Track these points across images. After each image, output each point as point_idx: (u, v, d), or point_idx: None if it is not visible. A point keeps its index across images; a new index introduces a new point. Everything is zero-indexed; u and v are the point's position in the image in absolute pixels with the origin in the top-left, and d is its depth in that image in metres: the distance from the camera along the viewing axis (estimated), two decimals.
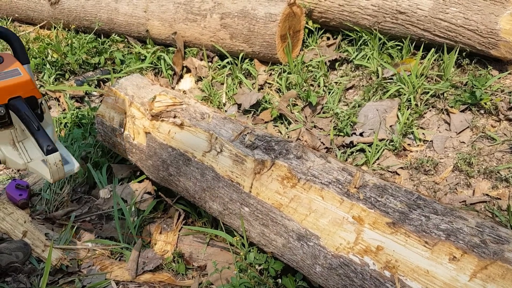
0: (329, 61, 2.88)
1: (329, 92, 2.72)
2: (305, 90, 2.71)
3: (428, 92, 2.40)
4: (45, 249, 2.01)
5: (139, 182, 2.31)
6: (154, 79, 2.38)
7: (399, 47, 2.73)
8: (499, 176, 1.96)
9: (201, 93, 3.03)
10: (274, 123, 2.66)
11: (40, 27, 4.41)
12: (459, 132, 2.22)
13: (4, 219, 2.15)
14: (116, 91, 2.24)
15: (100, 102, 3.09)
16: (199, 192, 1.82)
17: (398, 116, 2.37)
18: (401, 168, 2.18)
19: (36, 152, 1.21)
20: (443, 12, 2.40)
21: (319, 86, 2.77)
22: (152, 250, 1.99)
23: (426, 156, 2.19)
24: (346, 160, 2.30)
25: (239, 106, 2.81)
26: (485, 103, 2.22)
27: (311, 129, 2.52)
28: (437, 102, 2.38)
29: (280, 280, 1.64)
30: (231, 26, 2.97)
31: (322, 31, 3.13)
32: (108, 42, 3.80)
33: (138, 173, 2.38)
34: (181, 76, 3.27)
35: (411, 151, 2.25)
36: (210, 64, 3.20)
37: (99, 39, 3.84)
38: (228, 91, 2.95)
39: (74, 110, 3.01)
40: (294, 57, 2.99)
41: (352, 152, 2.33)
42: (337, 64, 2.91)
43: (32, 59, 3.57)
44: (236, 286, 1.62)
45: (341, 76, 2.83)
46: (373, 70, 2.69)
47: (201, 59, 3.23)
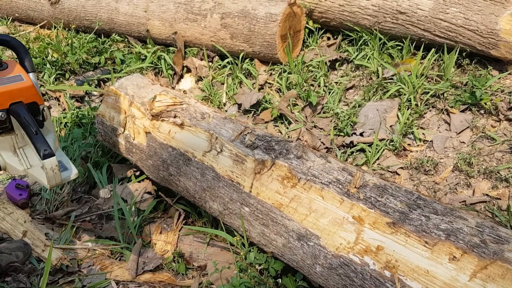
0: (329, 61, 2.88)
1: (329, 92, 2.72)
2: (305, 90, 2.71)
3: (428, 92, 2.40)
4: (45, 249, 2.01)
5: (139, 182, 2.31)
6: (155, 79, 2.38)
7: (399, 47, 2.73)
8: (499, 176, 1.96)
9: (201, 93, 3.03)
10: (275, 123, 2.66)
11: (41, 27, 4.41)
12: (459, 132, 2.22)
13: (4, 219, 2.15)
14: (117, 90, 2.24)
15: (100, 101, 3.09)
16: (199, 192, 1.82)
17: (398, 116, 2.37)
18: (401, 168, 2.18)
19: (36, 159, 1.20)
20: (443, 12, 2.40)
21: (319, 86, 2.77)
22: (152, 250, 1.99)
23: (426, 156, 2.19)
24: (346, 160, 2.30)
25: (240, 106, 2.81)
26: (485, 103, 2.22)
27: (311, 129, 2.53)
28: (437, 102, 2.38)
29: (280, 280, 1.64)
30: (231, 26, 2.97)
31: (322, 31, 3.13)
32: (108, 41, 3.80)
33: (138, 172, 2.38)
34: (181, 76, 3.27)
35: (411, 151, 2.25)
36: (210, 64, 3.20)
37: (99, 38, 3.84)
38: (229, 91, 2.95)
39: (74, 110, 3.02)
40: (295, 57, 2.99)
41: (352, 152, 2.33)
42: (337, 64, 2.91)
43: (32, 59, 3.57)
44: (236, 286, 1.62)
45: (341, 76, 2.83)
46: (373, 70, 2.69)
47: (201, 59, 3.23)
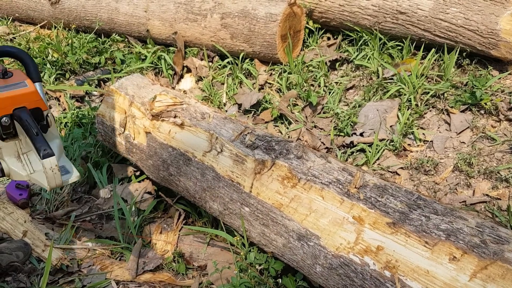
0: (329, 61, 2.88)
1: (329, 92, 2.72)
2: (305, 90, 2.71)
3: (428, 92, 2.40)
4: (45, 248, 2.01)
5: (140, 182, 2.31)
6: (155, 79, 2.38)
7: (400, 47, 2.73)
8: (499, 176, 1.96)
9: (201, 93, 3.03)
10: (275, 123, 2.66)
11: (41, 27, 4.41)
12: (459, 132, 2.22)
13: (4, 219, 2.15)
14: (117, 90, 2.24)
15: (101, 101, 3.09)
16: (199, 192, 1.82)
17: (398, 116, 2.37)
18: (401, 168, 2.18)
19: (39, 164, 1.20)
20: (444, 12, 2.40)
21: (319, 86, 2.77)
22: (152, 250, 1.99)
23: (426, 156, 2.19)
24: (347, 160, 2.30)
25: (240, 106, 2.81)
26: (485, 104, 2.22)
27: (312, 129, 2.53)
28: (437, 102, 2.38)
29: (280, 280, 1.64)
30: (231, 26, 2.97)
31: (322, 31, 3.13)
32: (108, 41, 3.80)
33: (138, 172, 2.38)
34: (181, 76, 3.27)
35: (411, 151, 2.25)
36: (210, 64, 3.20)
37: (99, 38, 3.84)
38: (229, 91, 2.95)
39: (75, 110, 3.02)
40: (295, 57, 2.99)
41: (352, 152, 2.33)
42: (337, 64, 2.91)
43: (33, 59, 3.57)
44: (237, 286, 1.62)
45: (341, 76, 2.83)
46: (373, 70, 2.69)
47: (201, 59, 3.23)
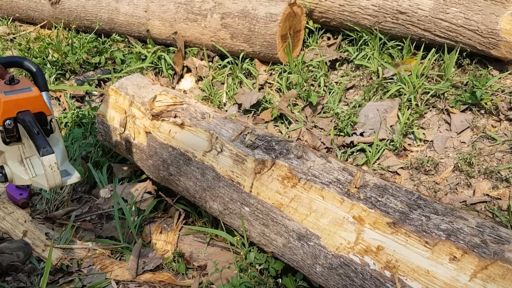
0: (329, 61, 2.88)
1: (329, 92, 2.72)
2: (305, 90, 2.71)
3: (428, 92, 2.39)
4: (45, 248, 2.01)
5: (140, 181, 2.31)
6: (155, 79, 2.38)
7: (400, 47, 2.72)
8: (500, 176, 1.96)
9: (201, 92, 3.03)
10: (275, 123, 2.66)
11: (41, 27, 4.41)
12: (460, 132, 2.22)
13: (4, 219, 2.15)
14: (117, 90, 2.24)
15: (101, 101, 3.09)
16: (199, 192, 1.82)
17: (398, 116, 2.37)
18: (401, 168, 2.18)
19: (41, 169, 1.21)
20: (444, 12, 2.40)
21: (319, 86, 2.77)
22: (152, 250, 1.99)
23: (426, 156, 2.19)
24: (347, 160, 2.30)
25: (240, 106, 2.81)
26: (485, 103, 2.22)
27: (312, 129, 2.52)
28: (437, 102, 2.38)
29: (280, 280, 1.64)
30: (231, 26, 2.97)
31: (322, 31, 3.13)
32: (108, 41, 3.80)
33: (138, 172, 2.38)
34: (181, 76, 3.27)
35: (412, 151, 2.25)
36: (210, 64, 3.20)
37: (99, 38, 3.84)
38: (229, 91, 2.95)
39: (75, 110, 3.02)
40: (295, 57, 2.99)
41: (352, 152, 2.33)
42: (337, 64, 2.91)
43: (33, 59, 3.58)
44: (237, 285, 1.62)
45: (341, 76, 2.83)
46: (373, 70, 2.69)
47: (201, 59, 3.23)
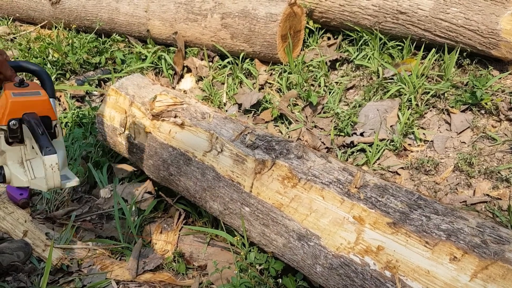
0: (329, 61, 2.88)
1: (329, 92, 2.72)
2: (305, 90, 2.71)
3: (428, 92, 2.39)
4: (45, 248, 2.01)
5: (140, 181, 2.31)
6: (155, 79, 2.38)
7: (400, 47, 2.72)
8: (500, 176, 1.96)
9: (201, 92, 3.03)
10: (275, 123, 2.66)
11: (41, 27, 4.41)
12: (460, 132, 2.22)
13: (4, 219, 2.15)
14: (117, 90, 2.24)
15: (101, 101, 3.09)
16: (199, 192, 1.82)
17: (398, 116, 2.37)
18: (401, 168, 2.18)
19: (41, 171, 1.21)
20: (444, 12, 2.40)
21: (319, 86, 2.77)
22: (152, 250, 1.99)
23: (426, 156, 2.19)
24: (347, 160, 2.30)
25: (240, 106, 2.81)
26: (485, 103, 2.22)
27: (312, 129, 2.52)
28: (437, 102, 2.38)
29: (280, 280, 1.64)
30: (231, 26, 2.97)
31: (322, 31, 3.13)
32: (109, 41, 3.80)
33: (138, 172, 2.38)
34: (181, 76, 3.27)
35: (412, 151, 2.25)
36: (210, 64, 3.21)
37: (100, 38, 3.84)
38: (229, 91, 2.95)
39: (75, 110, 3.02)
40: (295, 57, 2.99)
41: (352, 152, 2.33)
42: (337, 64, 2.91)
43: (33, 59, 3.58)
44: (237, 286, 1.62)
45: (341, 76, 2.83)
46: (373, 70, 2.69)
47: (201, 59, 3.23)
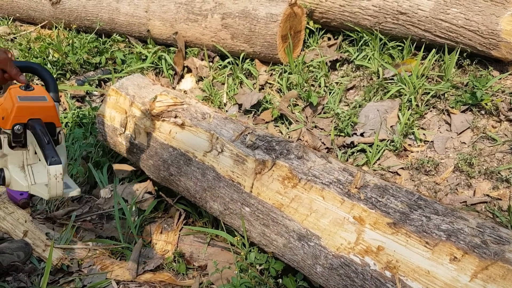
0: (330, 61, 2.88)
1: (330, 93, 2.72)
2: (306, 90, 2.71)
3: (429, 93, 2.40)
4: (45, 248, 2.01)
5: (140, 182, 2.31)
6: (155, 79, 2.38)
7: (400, 48, 2.73)
8: (500, 176, 1.96)
9: (202, 93, 3.03)
10: (275, 123, 2.66)
11: (41, 27, 4.41)
12: (460, 133, 2.22)
13: (4, 219, 2.15)
14: (117, 91, 2.24)
15: (101, 101, 3.09)
16: (200, 192, 1.82)
17: (398, 116, 2.37)
18: (401, 168, 2.18)
19: (42, 177, 1.21)
20: (444, 12, 2.40)
21: (320, 87, 2.77)
22: (152, 250, 1.99)
23: (426, 156, 2.19)
24: (347, 160, 2.30)
25: (240, 106, 2.81)
26: (485, 104, 2.22)
27: (312, 129, 2.53)
28: (437, 102, 2.38)
29: (280, 280, 1.64)
30: (232, 26, 2.97)
31: (323, 32, 3.13)
32: (109, 42, 3.80)
33: (139, 172, 2.38)
34: (182, 76, 3.27)
35: (412, 152, 2.25)
36: (211, 64, 3.21)
37: (100, 39, 3.84)
38: (229, 91, 2.95)
39: (75, 110, 3.02)
40: (295, 57, 2.99)
41: (352, 153, 2.33)
42: (338, 64, 2.91)
43: (33, 59, 3.58)
44: (237, 286, 1.62)
45: (342, 77, 2.83)
46: (374, 71, 2.69)
47: (202, 59, 3.23)
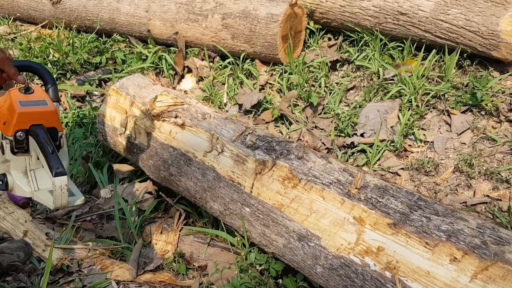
0: (330, 61, 2.88)
1: (330, 93, 2.72)
2: (306, 90, 2.71)
3: (429, 93, 2.40)
4: (45, 248, 2.01)
5: (140, 182, 2.31)
6: (156, 79, 2.38)
7: (400, 48, 2.72)
8: (500, 177, 1.96)
9: (202, 93, 3.04)
10: (275, 123, 2.66)
11: (42, 27, 4.41)
12: (460, 133, 2.22)
13: (4, 219, 2.15)
14: (118, 90, 2.24)
15: (101, 101, 3.09)
16: (200, 192, 1.82)
17: (399, 117, 2.37)
18: (402, 169, 2.18)
19: (45, 183, 1.21)
20: (444, 13, 2.40)
21: (320, 87, 2.77)
22: (152, 250, 1.99)
23: (427, 157, 2.19)
24: (347, 160, 2.30)
25: (240, 106, 2.81)
26: (486, 104, 2.22)
27: (312, 129, 2.53)
28: (438, 103, 2.38)
29: (280, 280, 1.64)
30: (232, 26, 2.97)
31: (323, 32, 3.13)
32: (109, 41, 3.80)
33: (139, 172, 2.38)
34: (182, 76, 3.27)
35: (412, 152, 2.25)
36: (211, 64, 3.21)
37: (100, 38, 3.85)
38: (229, 91, 2.95)
39: (75, 110, 3.02)
40: (295, 57, 2.99)
41: (353, 153, 2.33)
42: (338, 64, 2.91)
43: (34, 59, 3.58)
44: (237, 286, 1.62)
45: (342, 77, 2.83)
46: (374, 71, 2.69)
47: (202, 59, 3.23)
